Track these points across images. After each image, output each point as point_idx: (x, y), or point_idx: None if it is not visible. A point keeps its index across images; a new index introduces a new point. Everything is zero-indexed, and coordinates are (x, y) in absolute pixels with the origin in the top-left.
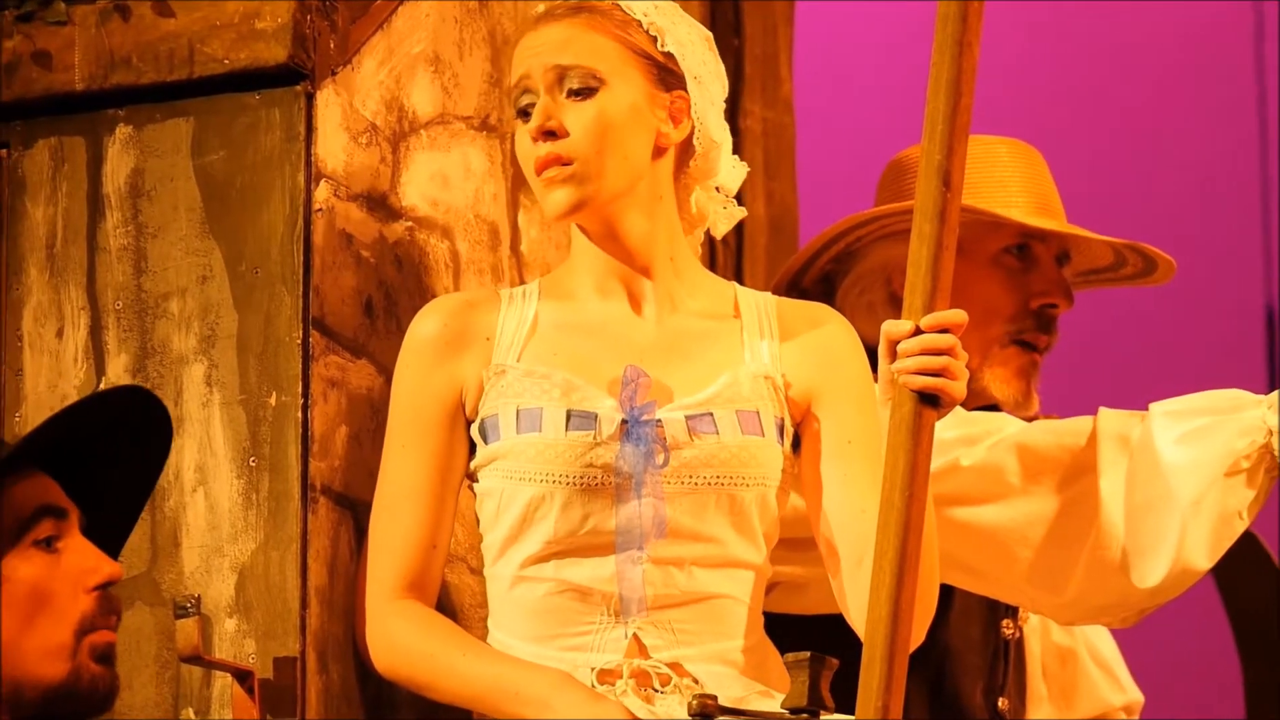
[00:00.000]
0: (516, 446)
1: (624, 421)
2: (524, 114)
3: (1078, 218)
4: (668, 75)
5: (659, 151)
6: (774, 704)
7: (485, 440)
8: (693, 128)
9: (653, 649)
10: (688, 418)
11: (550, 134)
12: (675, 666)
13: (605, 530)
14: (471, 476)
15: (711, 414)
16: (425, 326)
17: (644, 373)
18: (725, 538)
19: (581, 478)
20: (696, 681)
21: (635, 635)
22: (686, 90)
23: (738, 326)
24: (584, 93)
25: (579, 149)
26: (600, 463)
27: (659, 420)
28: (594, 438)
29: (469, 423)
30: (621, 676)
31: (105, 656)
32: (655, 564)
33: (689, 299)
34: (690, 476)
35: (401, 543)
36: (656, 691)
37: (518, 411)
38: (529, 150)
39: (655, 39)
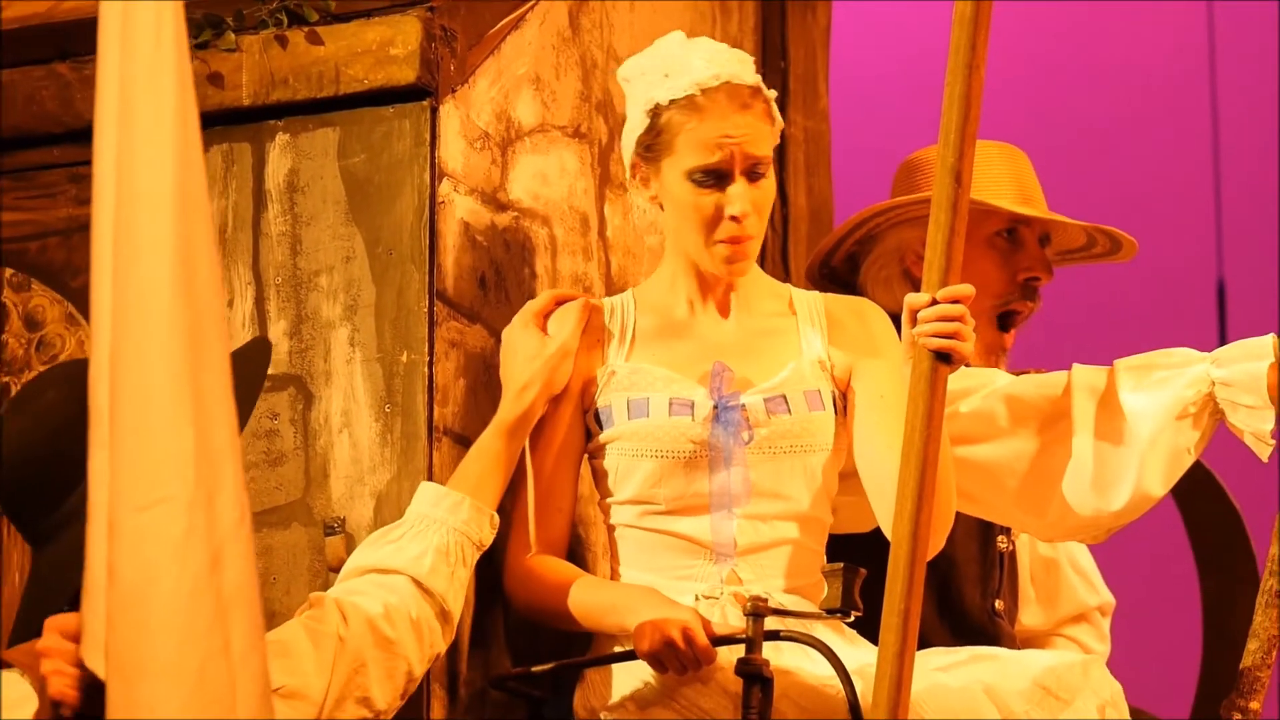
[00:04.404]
0: (630, 429)
1: (714, 406)
2: (705, 180)
3: (1056, 204)
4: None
5: None
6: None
7: (600, 426)
8: None
9: (747, 581)
10: (765, 400)
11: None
12: (764, 596)
13: (703, 493)
14: (592, 454)
15: (784, 395)
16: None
17: (728, 367)
18: (799, 496)
19: (683, 453)
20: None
21: (734, 570)
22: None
23: (794, 323)
24: (758, 176)
25: (757, 227)
26: (698, 440)
27: (743, 404)
28: (691, 420)
29: (585, 411)
30: (719, 598)
31: None
32: (746, 519)
33: (759, 301)
34: (770, 447)
35: (536, 509)
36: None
37: (628, 402)
38: (710, 215)
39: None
